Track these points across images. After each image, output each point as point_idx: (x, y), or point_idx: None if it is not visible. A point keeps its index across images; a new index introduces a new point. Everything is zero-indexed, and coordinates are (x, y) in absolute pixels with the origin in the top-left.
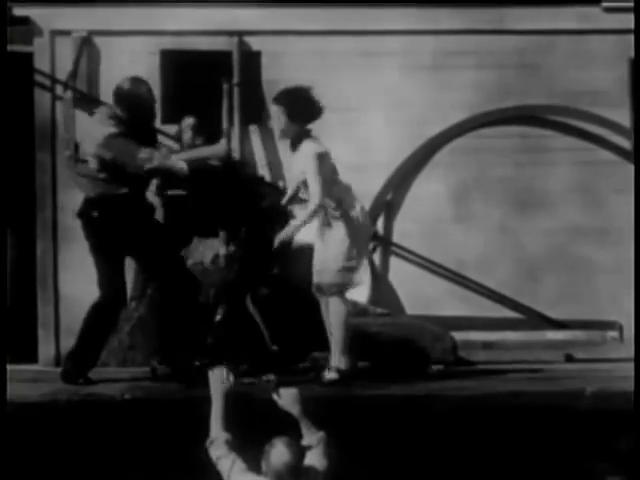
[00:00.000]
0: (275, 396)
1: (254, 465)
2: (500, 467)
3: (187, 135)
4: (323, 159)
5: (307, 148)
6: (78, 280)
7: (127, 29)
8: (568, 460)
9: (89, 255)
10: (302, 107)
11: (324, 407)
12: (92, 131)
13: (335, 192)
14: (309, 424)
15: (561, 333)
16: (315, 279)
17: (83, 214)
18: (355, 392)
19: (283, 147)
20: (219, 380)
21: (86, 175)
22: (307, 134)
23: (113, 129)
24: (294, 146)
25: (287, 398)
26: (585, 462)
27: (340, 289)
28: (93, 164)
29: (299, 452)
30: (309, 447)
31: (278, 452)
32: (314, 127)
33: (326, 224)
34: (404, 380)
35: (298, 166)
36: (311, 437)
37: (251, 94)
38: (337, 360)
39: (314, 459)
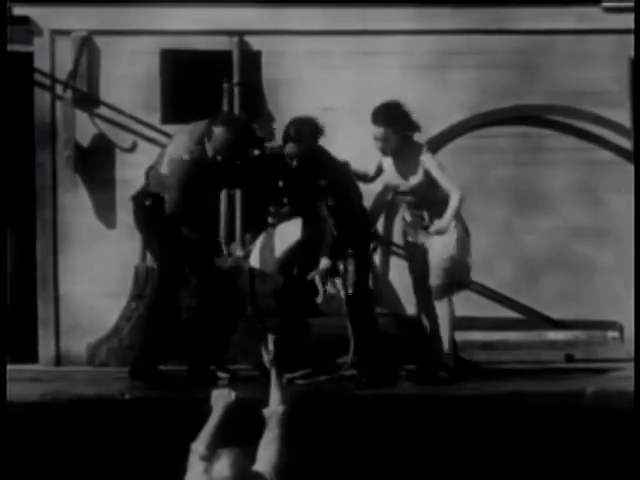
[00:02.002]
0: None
1: None
2: (500, 467)
3: None
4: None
5: (428, 157)
6: (78, 280)
7: (127, 29)
8: (568, 460)
9: (89, 255)
10: (404, 120)
11: (324, 407)
12: (179, 146)
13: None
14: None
15: (561, 333)
16: (435, 280)
17: (137, 199)
18: (355, 392)
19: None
20: (222, 398)
21: (155, 177)
22: (411, 141)
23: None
24: (399, 155)
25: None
26: (585, 462)
27: (446, 290)
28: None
29: (243, 465)
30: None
31: (220, 466)
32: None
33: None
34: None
35: (408, 172)
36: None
37: (251, 94)
38: (445, 359)
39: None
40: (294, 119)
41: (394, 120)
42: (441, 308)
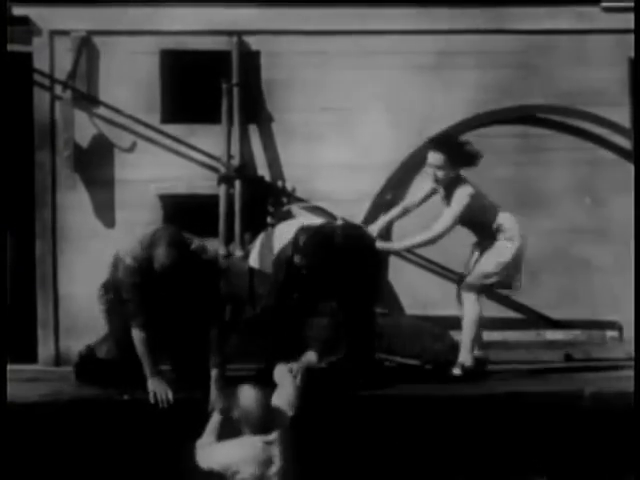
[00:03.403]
0: None
1: None
2: (500, 467)
3: None
4: (473, 200)
5: (464, 190)
6: (77, 280)
7: (126, 29)
8: (568, 460)
9: (88, 255)
10: (464, 153)
11: (324, 407)
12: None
13: (491, 216)
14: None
15: (561, 333)
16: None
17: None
18: (356, 392)
19: (282, 148)
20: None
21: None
22: (462, 180)
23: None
24: (448, 191)
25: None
26: (585, 462)
27: (480, 290)
28: None
29: (265, 392)
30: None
31: (246, 392)
32: (313, 127)
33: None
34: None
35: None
36: None
37: (250, 94)
38: (463, 356)
39: (282, 399)
40: (305, 229)
41: (455, 156)
42: (469, 305)
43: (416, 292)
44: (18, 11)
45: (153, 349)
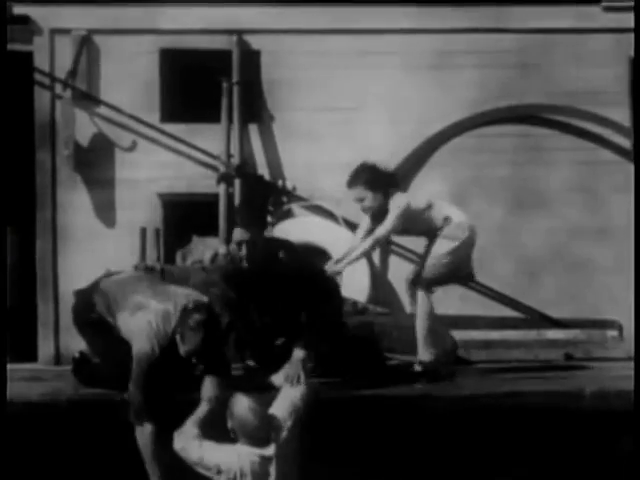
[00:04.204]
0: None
1: None
2: (499, 467)
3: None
4: (412, 211)
5: (398, 198)
6: (78, 279)
7: (127, 28)
8: (567, 460)
9: (88, 254)
10: (380, 177)
11: (324, 407)
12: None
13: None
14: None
15: (561, 332)
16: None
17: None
18: (354, 392)
19: (282, 147)
20: (211, 387)
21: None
22: (393, 195)
23: None
24: (382, 214)
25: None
26: (584, 462)
27: (430, 286)
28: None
29: (260, 400)
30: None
31: (239, 401)
32: (313, 126)
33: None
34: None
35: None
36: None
37: (250, 93)
38: (421, 353)
39: (281, 410)
40: (283, 243)
41: (372, 182)
42: (420, 302)
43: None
44: (19, 10)
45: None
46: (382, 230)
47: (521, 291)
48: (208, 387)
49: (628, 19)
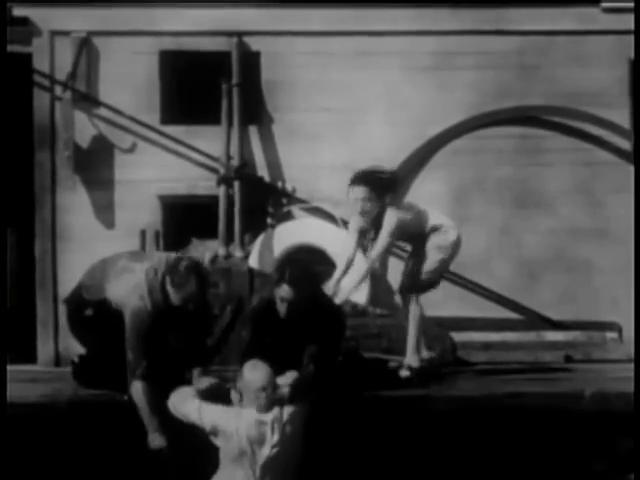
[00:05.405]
0: None
1: None
2: (499, 468)
3: None
4: (401, 223)
5: (391, 213)
6: (77, 279)
7: (126, 29)
8: (567, 461)
9: (88, 255)
10: (384, 181)
11: (324, 407)
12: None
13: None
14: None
15: (560, 334)
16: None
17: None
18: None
19: (282, 148)
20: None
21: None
22: (388, 207)
23: None
24: (377, 224)
25: None
26: (584, 463)
27: (420, 290)
28: None
29: (271, 370)
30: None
31: (251, 363)
32: (313, 127)
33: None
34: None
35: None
36: None
37: (250, 94)
38: (409, 358)
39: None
40: (290, 261)
41: (377, 185)
42: (411, 307)
43: None
44: (18, 12)
45: (156, 401)
46: (376, 251)
47: (521, 292)
48: (201, 378)
49: (628, 20)
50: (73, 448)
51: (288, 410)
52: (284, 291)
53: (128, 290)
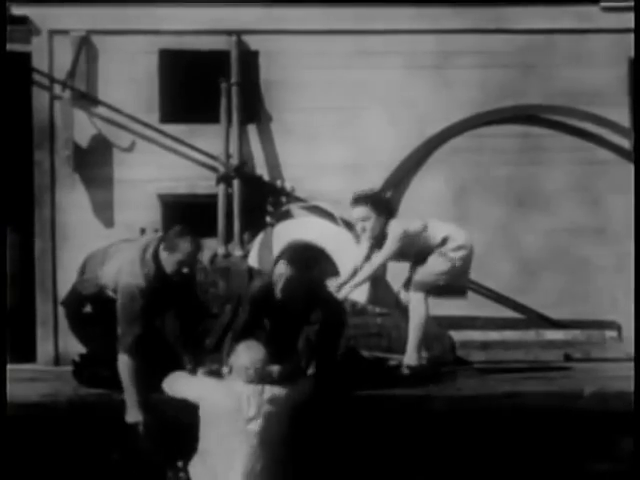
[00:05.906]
0: None
1: None
2: (498, 468)
3: None
4: (406, 235)
5: (395, 226)
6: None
7: (125, 28)
8: (567, 461)
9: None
10: (385, 203)
11: (323, 407)
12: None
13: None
14: None
15: (560, 333)
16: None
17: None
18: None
19: (281, 147)
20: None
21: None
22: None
23: None
24: (380, 241)
25: None
26: (584, 463)
27: (428, 289)
28: None
29: (264, 351)
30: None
31: (247, 341)
32: (312, 127)
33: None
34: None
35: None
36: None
37: (249, 93)
38: (409, 356)
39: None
40: (293, 245)
41: (377, 205)
42: (416, 305)
43: None
44: (17, 11)
45: (139, 377)
46: (380, 257)
47: (520, 291)
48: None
49: (628, 19)
50: (73, 448)
51: (273, 389)
52: (280, 267)
53: (122, 267)
